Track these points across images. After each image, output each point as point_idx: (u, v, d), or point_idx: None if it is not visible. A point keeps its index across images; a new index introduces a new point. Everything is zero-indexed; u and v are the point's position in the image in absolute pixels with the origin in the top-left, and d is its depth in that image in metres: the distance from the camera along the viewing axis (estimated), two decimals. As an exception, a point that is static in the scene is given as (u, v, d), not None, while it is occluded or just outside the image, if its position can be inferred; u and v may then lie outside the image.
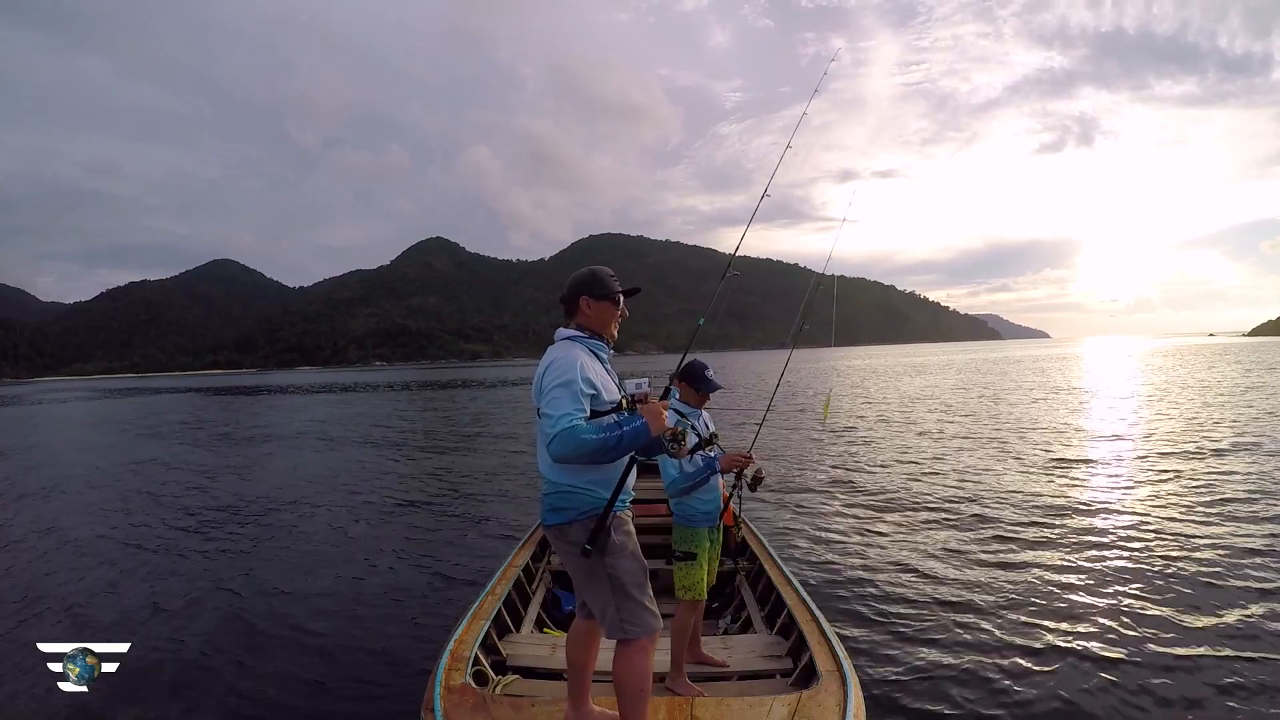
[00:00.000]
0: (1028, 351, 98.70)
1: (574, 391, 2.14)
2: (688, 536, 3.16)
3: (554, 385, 2.15)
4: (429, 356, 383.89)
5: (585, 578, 2.28)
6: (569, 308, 2.42)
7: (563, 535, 2.26)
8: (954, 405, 20.09)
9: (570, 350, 2.26)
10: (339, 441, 16.01)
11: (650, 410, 2.17)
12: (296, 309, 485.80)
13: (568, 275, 2.44)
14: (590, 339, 2.37)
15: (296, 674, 3.98)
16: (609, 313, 2.41)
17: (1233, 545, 5.77)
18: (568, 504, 2.23)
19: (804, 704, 2.42)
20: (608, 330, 2.43)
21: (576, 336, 2.35)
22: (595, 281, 2.41)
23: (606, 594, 2.22)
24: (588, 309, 2.39)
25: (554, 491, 2.27)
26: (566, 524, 2.24)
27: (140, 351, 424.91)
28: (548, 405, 2.13)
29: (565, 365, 2.19)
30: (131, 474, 12.02)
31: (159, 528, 7.67)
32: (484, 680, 2.84)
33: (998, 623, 4.42)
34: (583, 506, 2.22)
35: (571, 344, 2.31)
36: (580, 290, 2.39)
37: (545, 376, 2.20)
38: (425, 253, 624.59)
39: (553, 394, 2.14)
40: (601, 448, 2.07)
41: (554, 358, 2.24)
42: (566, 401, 2.12)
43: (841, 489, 8.79)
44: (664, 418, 2.18)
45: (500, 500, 8.69)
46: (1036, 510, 7.22)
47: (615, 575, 2.21)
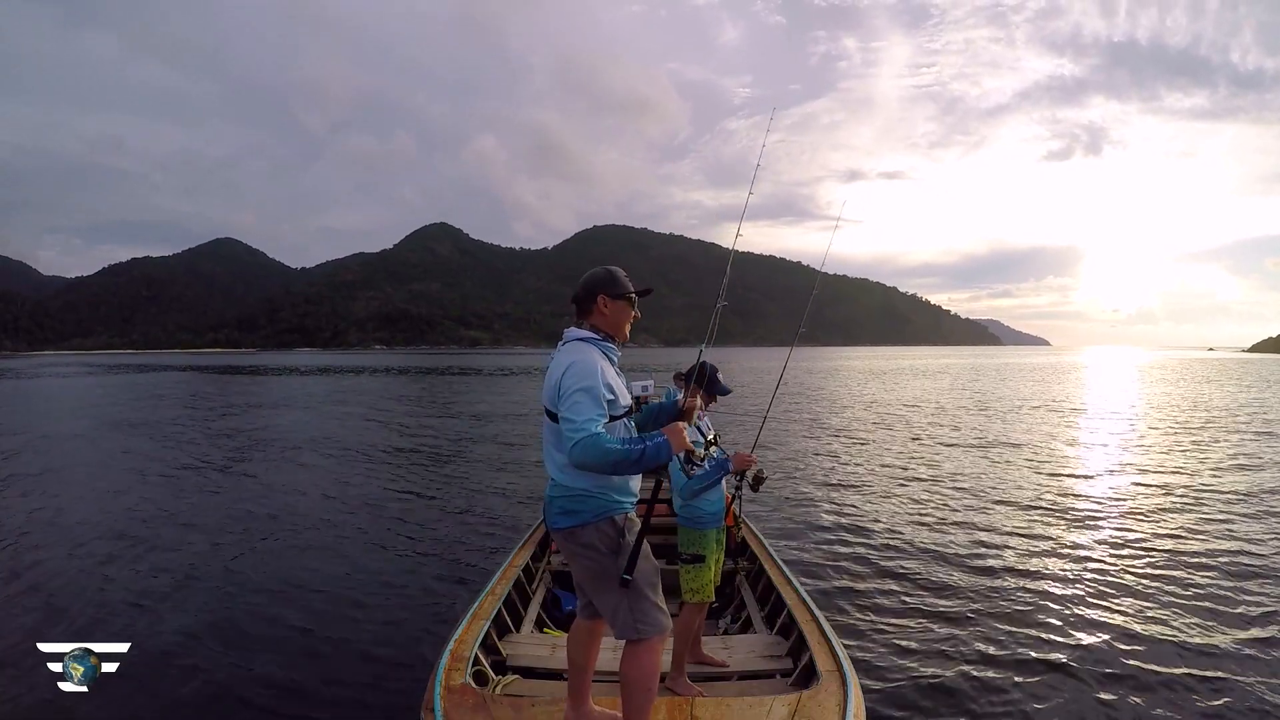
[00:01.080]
0: (1027, 359, 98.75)
1: (596, 397, 2.10)
2: (696, 539, 3.14)
3: (576, 389, 2.10)
4: (429, 342, 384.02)
5: (596, 579, 2.26)
6: (584, 306, 2.35)
7: (573, 538, 2.24)
8: (954, 410, 20.10)
9: (588, 353, 2.22)
10: (337, 435, 15.93)
11: (673, 429, 2.17)
12: (298, 290, 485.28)
13: (570, 264, 2.41)
14: (603, 341, 2.32)
15: (296, 674, 3.96)
16: (625, 313, 2.37)
17: (1227, 553, 5.77)
18: (580, 507, 2.21)
19: (804, 704, 2.41)
20: (621, 331, 2.39)
21: (590, 338, 2.30)
22: (613, 280, 2.35)
23: (619, 594, 2.20)
24: (605, 308, 2.33)
25: (564, 495, 2.24)
26: (579, 527, 2.22)
27: (141, 328, 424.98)
28: (570, 410, 2.09)
29: (587, 369, 2.15)
30: (128, 465, 11.91)
31: (157, 525, 7.60)
32: (484, 680, 2.82)
33: (998, 623, 4.42)
34: (596, 510, 2.21)
35: (588, 346, 2.26)
36: (599, 289, 2.33)
37: (565, 379, 2.14)
38: (428, 238, 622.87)
39: (575, 398, 2.09)
40: (624, 460, 2.05)
41: (573, 360, 2.18)
42: (589, 406, 2.09)
43: (841, 489, 8.78)
44: (685, 437, 2.19)
45: (500, 499, 8.65)
46: (1037, 515, 7.21)
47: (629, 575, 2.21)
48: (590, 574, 2.27)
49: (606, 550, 2.20)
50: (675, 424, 2.23)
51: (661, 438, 2.13)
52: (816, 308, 4.18)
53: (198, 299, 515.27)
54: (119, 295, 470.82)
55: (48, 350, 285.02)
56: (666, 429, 2.19)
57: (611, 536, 2.21)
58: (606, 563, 2.20)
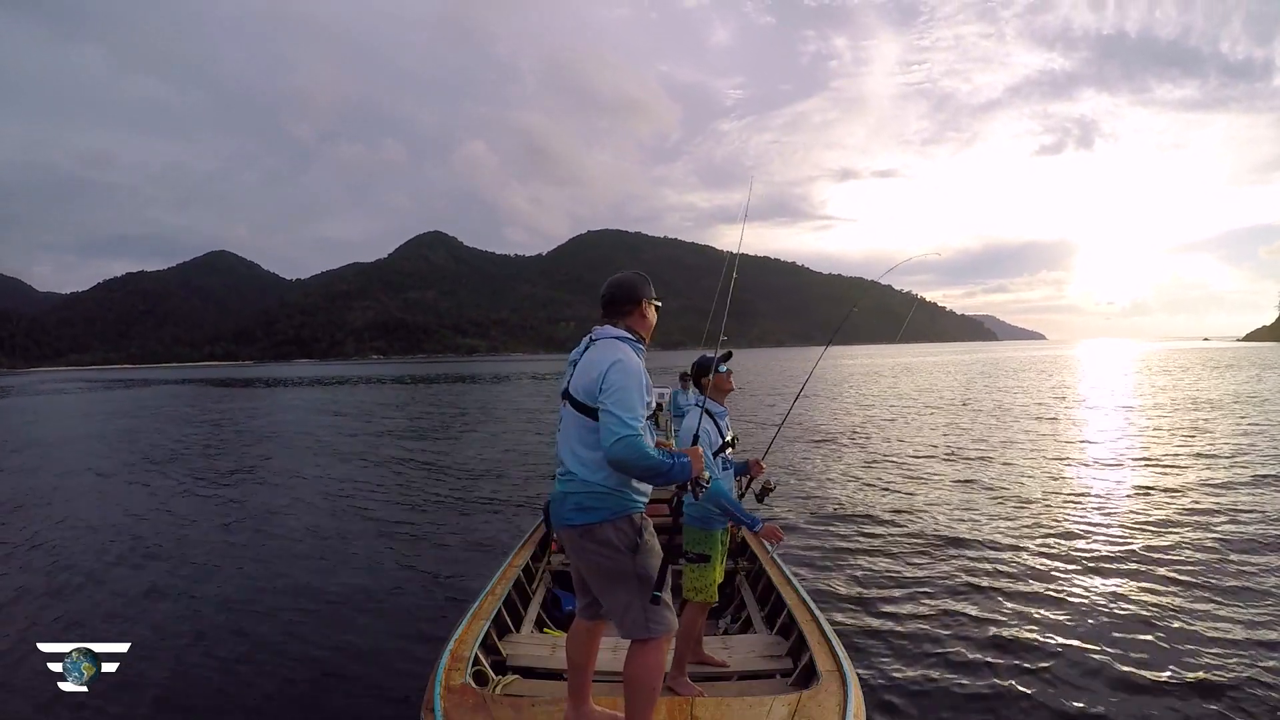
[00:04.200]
0: (1023, 353, 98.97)
1: (642, 395, 2.13)
2: (703, 539, 3.15)
3: (625, 386, 2.10)
4: (426, 350, 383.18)
5: (609, 577, 2.24)
6: (622, 309, 2.37)
7: (590, 535, 2.21)
8: (952, 409, 20.14)
9: (631, 353, 2.24)
10: (335, 440, 15.99)
11: (694, 453, 2.23)
12: (293, 301, 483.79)
13: (564, 270, 2.45)
14: (636, 342, 2.34)
15: (296, 674, 3.97)
16: (654, 318, 2.45)
17: (1236, 550, 5.81)
18: (599, 504, 2.19)
19: (804, 704, 2.42)
20: (651, 336, 2.44)
21: (626, 338, 2.30)
22: (650, 286, 2.42)
23: (633, 594, 2.20)
24: (647, 312, 2.40)
25: (583, 490, 2.21)
26: (597, 524, 2.20)
27: (137, 342, 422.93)
28: (617, 405, 2.07)
29: (635, 368, 2.16)
30: (127, 471, 11.97)
31: (158, 527, 7.63)
32: (484, 680, 2.83)
33: (998, 623, 4.43)
34: (615, 507, 2.20)
35: (627, 346, 2.27)
36: (643, 292, 2.39)
37: (612, 373, 2.13)
38: (422, 246, 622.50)
39: (624, 396, 2.09)
40: (654, 469, 2.08)
41: (620, 357, 2.18)
42: (638, 405, 2.10)
43: (842, 488, 8.80)
44: (703, 464, 2.27)
45: (499, 500, 8.66)
46: (1038, 515, 7.23)
47: (645, 575, 2.20)
48: (603, 572, 2.24)
49: (624, 548, 2.18)
50: (696, 448, 2.29)
51: (686, 460, 2.17)
52: (813, 308, 4.22)
53: (193, 312, 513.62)
54: (114, 310, 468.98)
55: (45, 367, 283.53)
56: (689, 450, 2.25)
57: (630, 534, 2.20)
58: (623, 560, 2.18)
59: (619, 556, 2.19)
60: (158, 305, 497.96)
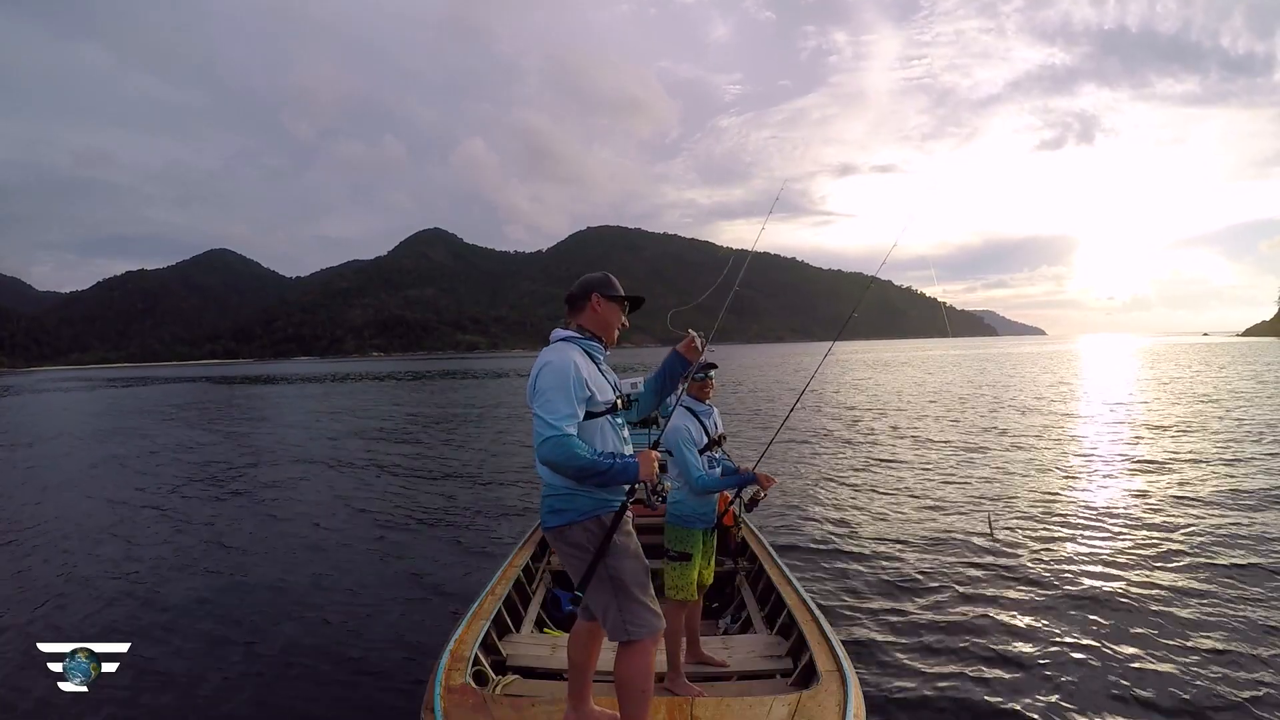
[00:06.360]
0: (1023, 349, 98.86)
1: (568, 395, 2.14)
2: (682, 537, 3.16)
3: (548, 388, 2.15)
4: (426, 348, 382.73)
5: (584, 580, 2.26)
6: (577, 304, 2.42)
7: (562, 537, 2.26)
8: (953, 405, 20.13)
9: (565, 352, 2.26)
10: (335, 439, 16.00)
11: (644, 456, 2.20)
12: (293, 299, 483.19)
13: (564, 267, 2.45)
14: (588, 339, 2.36)
15: (296, 674, 3.98)
16: (615, 315, 2.44)
17: (1232, 547, 5.81)
18: (568, 506, 2.23)
19: (804, 704, 2.43)
20: (610, 332, 2.44)
21: (573, 337, 2.35)
22: (608, 282, 2.44)
23: (609, 595, 2.21)
24: (598, 306, 2.40)
25: (553, 494, 2.26)
26: (566, 525, 2.24)
27: (137, 341, 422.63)
28: (541, 408, 2.13)
29: (560, 367, 2.19)
30: (127, 470, 11.98)
31: (158, 528, 7.64)
32: (484, 680, 2.84)
33: (998, 623, 4.43)
34: (583, 508, 2.23)
35: (567, 345, 2.30)
36: (593, 287, 2.41)
37: (540, 377, 2.20)
38: (422, 244, 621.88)
39: (547, 397, 2.13)
40: (589, 468, 2.09)
41: (548, 360, 2.23)
42: (561, 405, 2.12)
43: (842, 488, 8.80)
44: (655, 467, 2.22)
45: (500, 500, 8.66)
46: (1039, 514, 7.22)
47: (617, 576, 2.21)
48: (577, 574, 2.28)
49: (594, 550, 2.20)
50: (647, 451, 2.24)
51: (633, 460, 2.16)
52: (813, 304, 4.20)
53: (193, 311, 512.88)
54: (114, 309, 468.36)
55: (45, 366, 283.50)
56: (639, 454, 2.21)
57: (599, 537, 2.21)
58: (593, 563, 2.20)
59: (589, 558, 2.20)
60: (157, 304, 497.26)
